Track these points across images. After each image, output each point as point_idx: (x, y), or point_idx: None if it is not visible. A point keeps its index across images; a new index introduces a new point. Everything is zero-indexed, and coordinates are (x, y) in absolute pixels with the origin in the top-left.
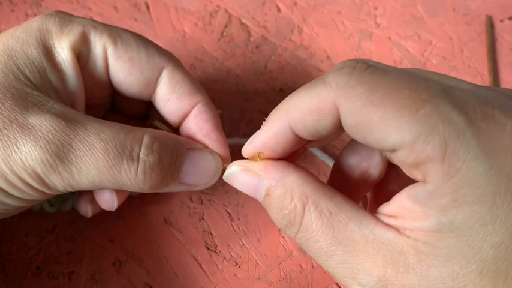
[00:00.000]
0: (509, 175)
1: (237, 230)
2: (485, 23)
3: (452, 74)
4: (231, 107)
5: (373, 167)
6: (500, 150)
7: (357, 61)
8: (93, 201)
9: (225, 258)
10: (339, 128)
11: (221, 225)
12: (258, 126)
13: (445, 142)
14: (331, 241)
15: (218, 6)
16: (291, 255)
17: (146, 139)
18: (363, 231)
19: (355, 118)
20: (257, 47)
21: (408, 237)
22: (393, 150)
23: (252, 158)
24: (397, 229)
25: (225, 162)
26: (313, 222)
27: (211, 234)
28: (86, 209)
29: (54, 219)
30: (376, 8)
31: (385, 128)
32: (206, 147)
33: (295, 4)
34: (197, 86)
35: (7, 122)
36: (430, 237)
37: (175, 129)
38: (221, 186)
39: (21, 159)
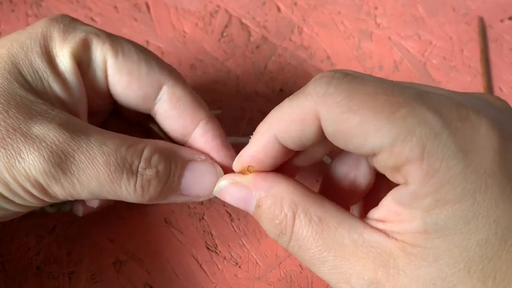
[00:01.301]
0: (488, 172)
1: (237, 230)
2: (478, 25)
3: (452, 74)
4: (231, 107)
5: (361, 176)
6: (477, 149)
7: (335, 71)
8: (84, 202)
9: (225, 258)
10: (322, 137)
11: (221, 225)
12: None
13: (422, 143)
14: (322, 247)
15: (218, 6)
16: (291, 255)
17: (146, 152)
18: (352, 236)
19: (335, 125)
20: (257, 47)
21: (396, 239)
22: (373, 155)
23: (242, 172)
24: (385, 233)
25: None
26: (303, 229)
27: (212, 234)
28: (77, 208)
29: (54, 219)
30: (376, 8)
31: (363, 132)
32: (208, 157)
33: (295, 4)
34: (199, 102)
35: (11, 130)
36: (417, 239)
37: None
38: None
39: (24, 169)
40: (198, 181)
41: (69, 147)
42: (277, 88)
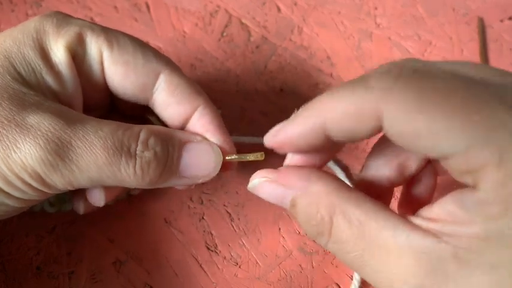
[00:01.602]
0: None
1: (237, 230)
2: (478, 25)
3: None
4: (231, 107)
5: (412, 159)
6: None
7: (403, 63)
8: (86, 198)
9: (225, 258)
10: (377, 133)
11: (221, 225)
12: (258, 127)
13: (501, 148)
14: (364, 251)
15: (218, 6)
16: (291, 255)
17: (142, 135)
18: (397, 240)
19: (401, 125)
20: (257, 47)
21: (447, 243)
22: (444, 159)
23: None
24: (434, 234)
25: (228, 154)
26: (342, 232)
27: (211, 234)
28: (78, 206)
29: (54, 219)
30: (376, 8)
31: (434, 135)
32: (205, 138)
33: (295, 4)
34: (196, 89)
35: (5, 122)
36: (473, 244)
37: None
38: (221, 187)
39: (20, 159)
40: (197, 161)
41: (66, 134)
42: (277, 88)
